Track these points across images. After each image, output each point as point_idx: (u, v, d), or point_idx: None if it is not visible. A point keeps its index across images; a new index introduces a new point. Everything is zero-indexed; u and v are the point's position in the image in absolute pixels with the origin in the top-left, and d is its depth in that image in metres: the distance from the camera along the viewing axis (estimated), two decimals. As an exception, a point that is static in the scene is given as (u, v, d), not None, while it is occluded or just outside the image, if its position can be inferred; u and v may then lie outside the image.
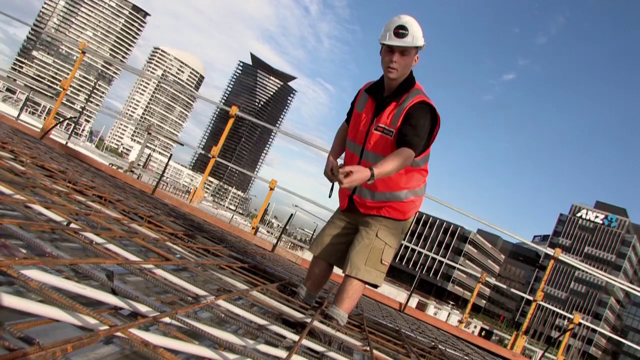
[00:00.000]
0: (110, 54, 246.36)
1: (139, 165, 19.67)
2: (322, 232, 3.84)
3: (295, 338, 2.29)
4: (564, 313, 10.05)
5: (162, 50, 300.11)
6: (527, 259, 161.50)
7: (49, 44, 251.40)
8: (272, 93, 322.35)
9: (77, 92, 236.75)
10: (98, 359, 1.44)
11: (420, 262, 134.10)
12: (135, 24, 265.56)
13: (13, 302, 1.34)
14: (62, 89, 10.09)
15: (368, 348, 2.76)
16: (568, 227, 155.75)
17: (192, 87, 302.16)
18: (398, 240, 3.63)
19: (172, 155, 11.39)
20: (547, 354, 10.83)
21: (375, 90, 3.51)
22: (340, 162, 3.59)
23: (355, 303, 3.50)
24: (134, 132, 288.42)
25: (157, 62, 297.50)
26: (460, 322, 10.25)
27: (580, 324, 9.03)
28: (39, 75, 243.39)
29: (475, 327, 47.99)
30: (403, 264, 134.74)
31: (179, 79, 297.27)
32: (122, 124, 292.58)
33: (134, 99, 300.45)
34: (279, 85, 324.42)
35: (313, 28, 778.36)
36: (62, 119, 11.99)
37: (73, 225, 2.74)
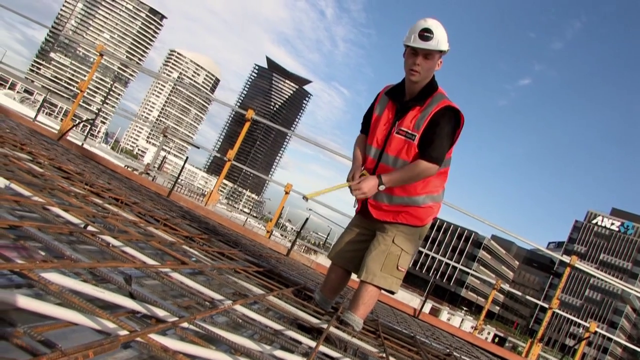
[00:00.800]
0: (127, 57, 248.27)
1: (155, 168, 19.76)
2: (340, 238, 3.83)
3: (311, 344, 2.28)
4: (580, 321, 9.97)
5: (178, 53, 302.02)
6: (541, 266, 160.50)
7: (67, 46, 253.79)
8: (287, 96, 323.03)
9: (93, 93, 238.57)
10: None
11: (434, 267, 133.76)
12: (152, 27, 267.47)
13: (33, 305, 1.35)
14: (79, 91, 10.16)
15: (384, 354, 2.74)
16: (583, 234, 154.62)
17: (207, 89, 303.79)
18: (415, 247, 3.59)
19: (187, 158, 11.42)
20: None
21: (396, 94, 3.48)
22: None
23: (371, 309, 3.48)
24: (150, 134, 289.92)
25: (173, 64, 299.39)
26: (475, 328, 10.19)
27: (596, 333, 8.94)
28: (57, 77, 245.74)
29: (489, 333, 47.70)
30: (417, 269, 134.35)
31: (195, 82, 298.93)
32: (137, 126, 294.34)
33: (150, 101, 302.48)
34: (294, 89, 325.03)
35: (328, 31, 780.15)
36: (78, 122, 12.05)
37: (90, 228, 2.75)
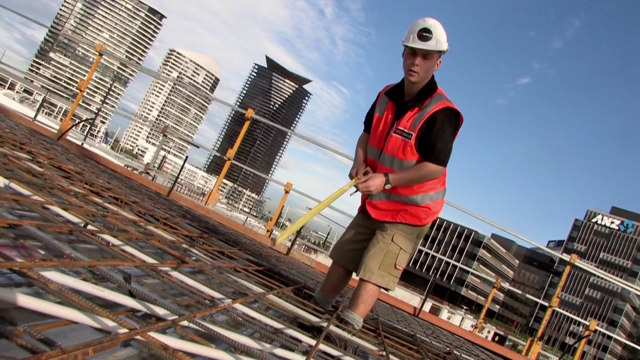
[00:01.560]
0: (127, 56, 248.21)
1: (154, 167, 19.76)
2: (341, 238, 3.85)
3: (311, 342, 2.28)
4: (580, 320, 9.96)
5: (177, 53, 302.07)
6: (541, 264, 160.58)
7: (66, 46, 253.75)
8: (287, 96, 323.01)
9: (93, 93, 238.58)
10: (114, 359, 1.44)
11: (434, 266, 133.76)
12: (151, 26, 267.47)
13: (33, 303, 1.35)
14: (79, 91, 10.15)
15: (384, 353, 2.74)
16: (583, 232, 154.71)
17: (207, 89, 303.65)
18: (413, 246, 3.60)
19: (187, 158, 11.42)
20: (562, 361, 10.75)
21: (396, 94, 3.46)
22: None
23: (370, 307, 3.48)
24: (149, 133, 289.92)
25: (172, 64, 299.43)
26: (475, 327, 10.20)
27: (596, 331, 8.94)
28: (56, 77, 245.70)
29: (489, 332, 47.75)
30: (417, 268, 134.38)
31: (195, 81, 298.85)
32: (137, 126, 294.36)
33: (149, 101, 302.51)
34: (294, 88, 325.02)
35: (328, 31, 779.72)
36: (78, 121, 12.07)
37: (90, 227, 2.75)
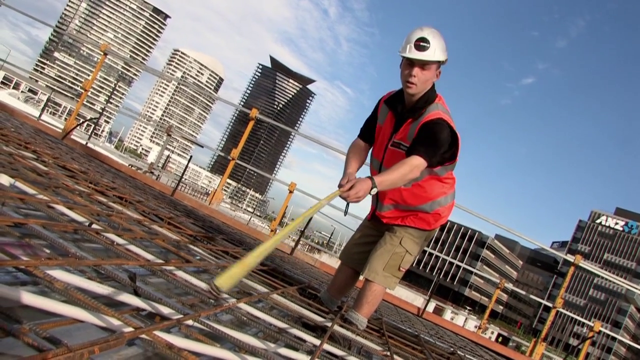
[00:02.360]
0: (131, 56, 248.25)
1: (158, 167, 19.77)
2: (350, 239, 3.85)
3: (315, 342, 2.28)
4: (584, 321, 9.94)
5: (181, 52, 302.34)
6: (545, 265, 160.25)
7: (71, 46, 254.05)
8: (290, 96, 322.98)
9: (97, 93, 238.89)
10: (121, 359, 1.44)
11: (438, 266, 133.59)
12: (156, 26, 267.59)
13: (38, 302, 1.35)
14: (83, 90, 10.17)
15: (388, 353, 2.74)
16: (587, 233, 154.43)
17: (211, 89, 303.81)
18: (419, 249, 3.59)
19: (192, 157, 11.42)
20: (566, 362, 10.73)
21: (395, 103, 3.39)
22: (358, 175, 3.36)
23: (375, 308, 3.48)
24: (153, 133, 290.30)
25: (176, 64, 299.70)
26: (479, 327, 10.19)
27: (600, 332, 8.93)
28: (60, 77, 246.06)
29: (493, 332, 47.67)
30: (420, 269, 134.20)
31: (199, 81, 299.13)
32: (141, 125, 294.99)
33: (154, 101, 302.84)
34: (298, 88, 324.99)
35: (332, 31, 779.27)
36: (82, 120, 12.12)
37: (95, 226, 2.75)
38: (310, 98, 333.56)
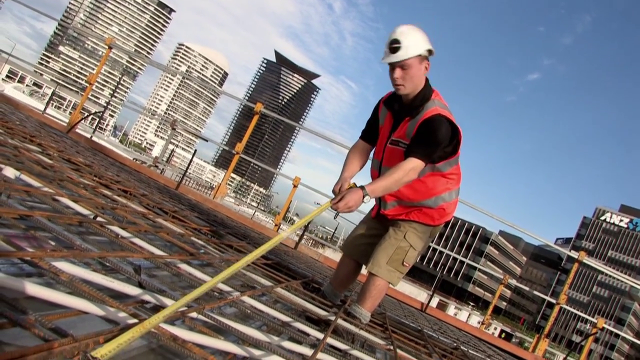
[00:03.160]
0: (135, 50, 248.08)
1: (163, 161, 19.80)
2: (353, 231, 3.87)
3: (319, 335, 2.29)
4: (588, 317, 9.92)
5: (186, 47, 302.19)
6: (548, 262, 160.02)
7: (75, 40, 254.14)
8: (295, 90, 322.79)
9: (102, 87, 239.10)
10: (125, 352, 1.45)
11: (442, 262, 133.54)
12: (161, 20, 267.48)
13: (44, 293, 1.35)
14: (88, 84, 10.18)
15: (391, 347, 2.75)
16: (591, 230, 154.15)
17: (216, 83, 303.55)
18: (424, 244, 3.59)
19: (196, 151, 11.43)
20: (568, 358, 10.72)
21: (393, 103, 3.41)
22: (354, 180, 3.35)
23: (378, 302, 3.49)
24: (158, 127, 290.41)
25: (181, 58, 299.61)
26: (482, 323, 10.19)
27: (604, 329, 8.92)
28: (65, 70, 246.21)
29: (495, 328, 47.65)
30: (424, 264, 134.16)
31: (203, 75, 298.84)
32: (146, 120, 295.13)
33: (158, 95, 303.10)
34: (303, 83, 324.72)
35: (336, 26, 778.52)
36: (87, 114, 12.13)
37: (100, 219, 2.76)
38: (315, 93, 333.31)
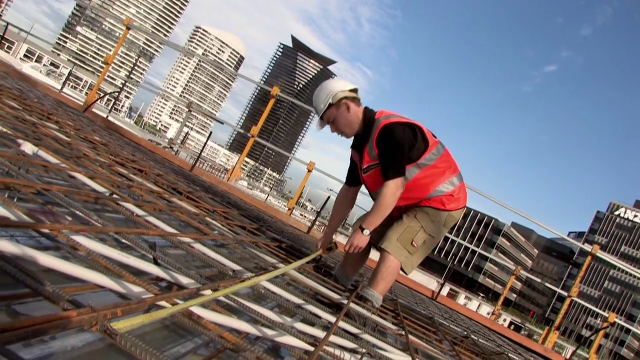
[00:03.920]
0: (152, 32, 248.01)
1: (178, 142, 19.86)
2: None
3: (331, 318, 2.29)
4: (599, 311, 9.88)
5: (203, 30, 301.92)
6: (560, 255, 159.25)
7: (93, 20, 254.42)
8: (311, 76, 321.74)
9: (118, 68, 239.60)
10: (138, 327, 1.46)
11: (452, 252, 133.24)
12: (178, 3, 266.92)
13: (62, 266, 1.36)
14: (106, 64, 10.21)
15: (403, 332, 2.75)
16: (605, 225, 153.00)
17: (232, 67, 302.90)
18: (436, 230, 3.60)
19: (211, 133, 11.45)
20: (578, 352, 10.69)
21: (356, 143, 3.68)
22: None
23: (390, 285, 3.51)
24: (173, 109, 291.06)
25: (198, 41, 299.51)
26: (492, 314, 10.18)
27: (614, 324, 8.88)
28: (82, 51, 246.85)
29: (505, 320, 47.58)
30: (435, 254, 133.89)
31: (219, 59, 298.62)
32: (161, 102, 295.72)
33: (174, 77, 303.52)
34: (319, 69, 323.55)
35: (354, 12, 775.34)
36: (104, 94, 12.22)
37: (115, 197, 2.77)
38: (331, 79, 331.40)
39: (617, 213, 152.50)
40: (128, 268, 1.73)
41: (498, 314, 10.27)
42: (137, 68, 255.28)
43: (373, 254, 4.24)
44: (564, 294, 9.31)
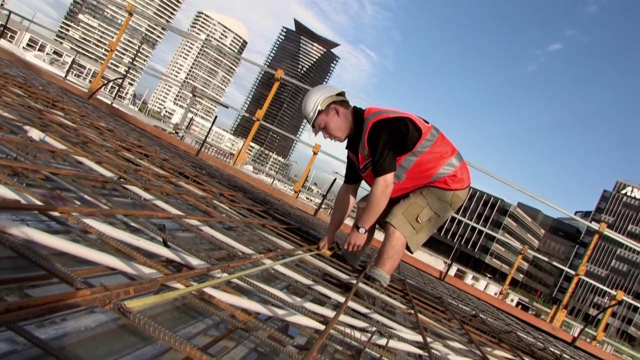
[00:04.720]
0: (155, 18, 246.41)
1: (183, 128, 19.89)
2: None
3: (340, 298, 2.30)
4: (606, 289, 9.89)
5: (205, 15, 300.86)
6: (567, 235, 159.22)
7: (95, 7, 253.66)
8: (314, 59, 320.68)
9: (121, 55, 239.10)
10: (150, 308, 1.46)
11: (459, 233, 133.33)
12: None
13: (74, 249, 1.37)
14: (109, 50, 10.19)
15: (412, 311, 2.76)
16: (611, 204, 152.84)
17: (235, 52, 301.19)
18: (442, 209, 3.61)
19: (216, 118, 11.43)
20: (585, 331, 10.71)
21: (350, 144, 3.74)
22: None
23: (396, 264, 3.54)
24: (177, 95, 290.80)
25: (200, 26, 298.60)
26: (500, 293, 10.20)
27: (622, 302, 8.88)
28: (84, 39, 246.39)
29: (512, 300, 47.72)
30: (441, 235, 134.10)
31: (222, 44, 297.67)
32: (165, 88, 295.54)
33: (177, 63, 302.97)
34: (322, 52, 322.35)
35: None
36: (108, 81, 12.22)
37: (123, 181, 2.78)
38: (334, 62, 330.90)
39: (624, 192, 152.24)
40: (139, 250, 1.74)
41: (506, 294, 10.29)
42: (140, 55, 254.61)
43: (378, 235, 4.27)
44: (572, 273, 9.32)
